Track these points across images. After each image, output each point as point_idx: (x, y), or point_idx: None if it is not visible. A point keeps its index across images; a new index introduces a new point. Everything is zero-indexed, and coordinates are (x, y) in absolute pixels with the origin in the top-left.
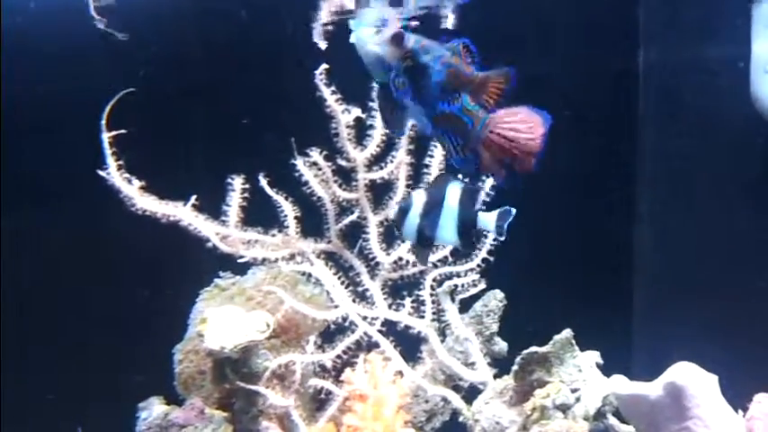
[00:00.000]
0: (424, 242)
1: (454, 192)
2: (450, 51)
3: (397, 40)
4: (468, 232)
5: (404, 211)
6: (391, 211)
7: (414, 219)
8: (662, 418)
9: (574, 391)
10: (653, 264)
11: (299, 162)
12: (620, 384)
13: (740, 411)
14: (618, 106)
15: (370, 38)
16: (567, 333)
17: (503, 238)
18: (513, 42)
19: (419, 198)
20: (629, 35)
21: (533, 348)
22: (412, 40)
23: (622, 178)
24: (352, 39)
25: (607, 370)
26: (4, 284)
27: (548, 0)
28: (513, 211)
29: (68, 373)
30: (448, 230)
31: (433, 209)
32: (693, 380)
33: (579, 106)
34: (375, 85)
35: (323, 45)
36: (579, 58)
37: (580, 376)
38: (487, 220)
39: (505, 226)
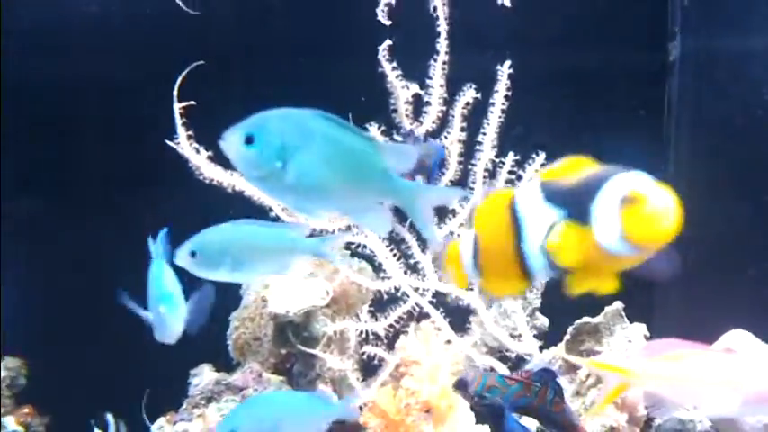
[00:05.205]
0: None
1: None
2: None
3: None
4: None
5: None
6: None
7: None
8: None
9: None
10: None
11: None
12: None
13: None
14: (647, 96)
15: None
16: (617, 305)
17: None
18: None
19: None
20: (660, 24)
21: (585, 319)
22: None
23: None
24: None
25: None
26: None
27: None
28: None
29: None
30: None
31: None
32: (747, 347)
33: (607, 97)
34: None
35: (386, 22)
36: (606, 48)
37: (629, 346)
38: None
39: None
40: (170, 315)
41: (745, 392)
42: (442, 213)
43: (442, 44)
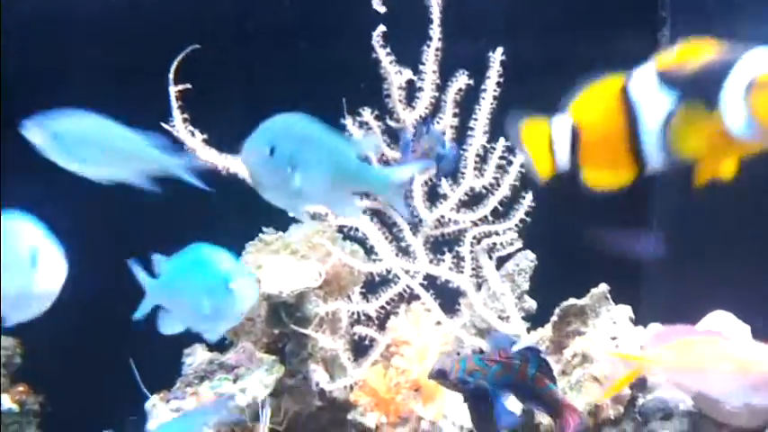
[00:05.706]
0: None
1: None
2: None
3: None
4: None
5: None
6: None
7: None
8: None
9: (612, 339)
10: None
11: (348, 122)
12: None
13: None
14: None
15: None
16: (603, 287)
17: None
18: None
19: None
20: (650, 10)
21: (572, 300)
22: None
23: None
24: None
25: None
26: None
27: None
28: None
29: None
30: None
31: None
32: (729, 328)
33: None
34: None
35: (381, 8)
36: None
37: (614, 328)
38: None
39: None
40: (249, 289)
41: (756, 379)
42: (434, 197)
43: (436, 30)
